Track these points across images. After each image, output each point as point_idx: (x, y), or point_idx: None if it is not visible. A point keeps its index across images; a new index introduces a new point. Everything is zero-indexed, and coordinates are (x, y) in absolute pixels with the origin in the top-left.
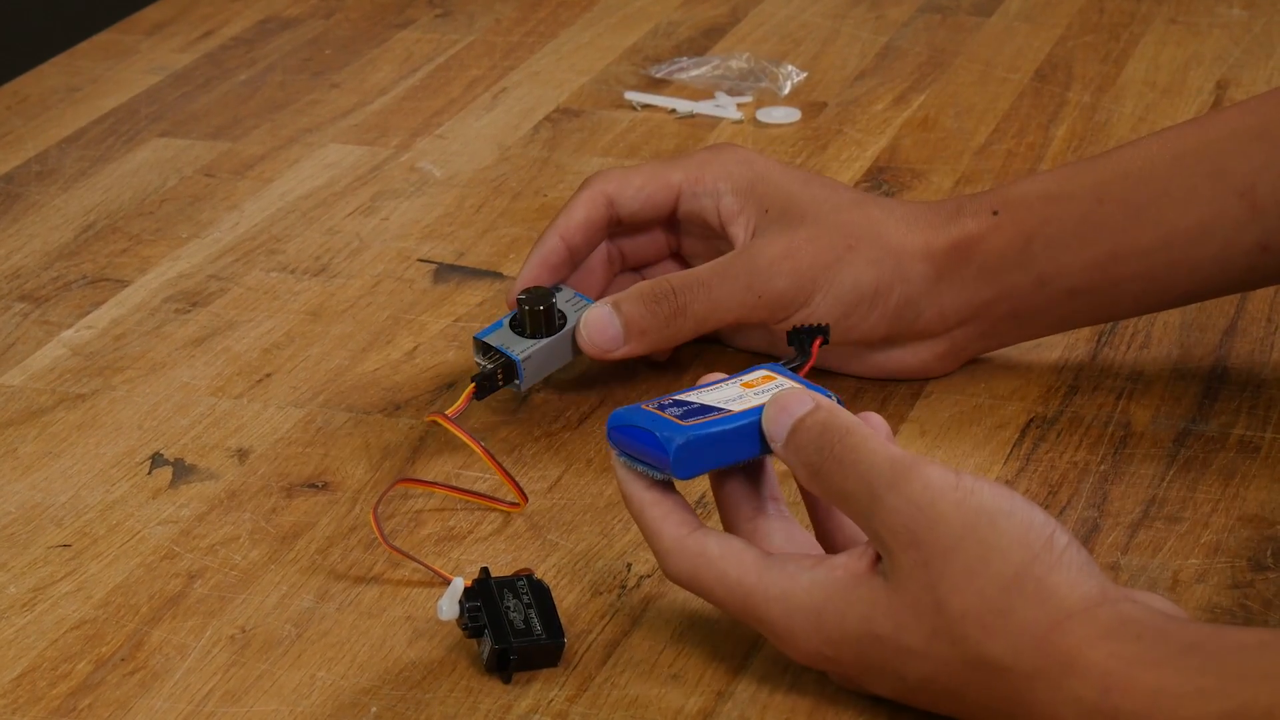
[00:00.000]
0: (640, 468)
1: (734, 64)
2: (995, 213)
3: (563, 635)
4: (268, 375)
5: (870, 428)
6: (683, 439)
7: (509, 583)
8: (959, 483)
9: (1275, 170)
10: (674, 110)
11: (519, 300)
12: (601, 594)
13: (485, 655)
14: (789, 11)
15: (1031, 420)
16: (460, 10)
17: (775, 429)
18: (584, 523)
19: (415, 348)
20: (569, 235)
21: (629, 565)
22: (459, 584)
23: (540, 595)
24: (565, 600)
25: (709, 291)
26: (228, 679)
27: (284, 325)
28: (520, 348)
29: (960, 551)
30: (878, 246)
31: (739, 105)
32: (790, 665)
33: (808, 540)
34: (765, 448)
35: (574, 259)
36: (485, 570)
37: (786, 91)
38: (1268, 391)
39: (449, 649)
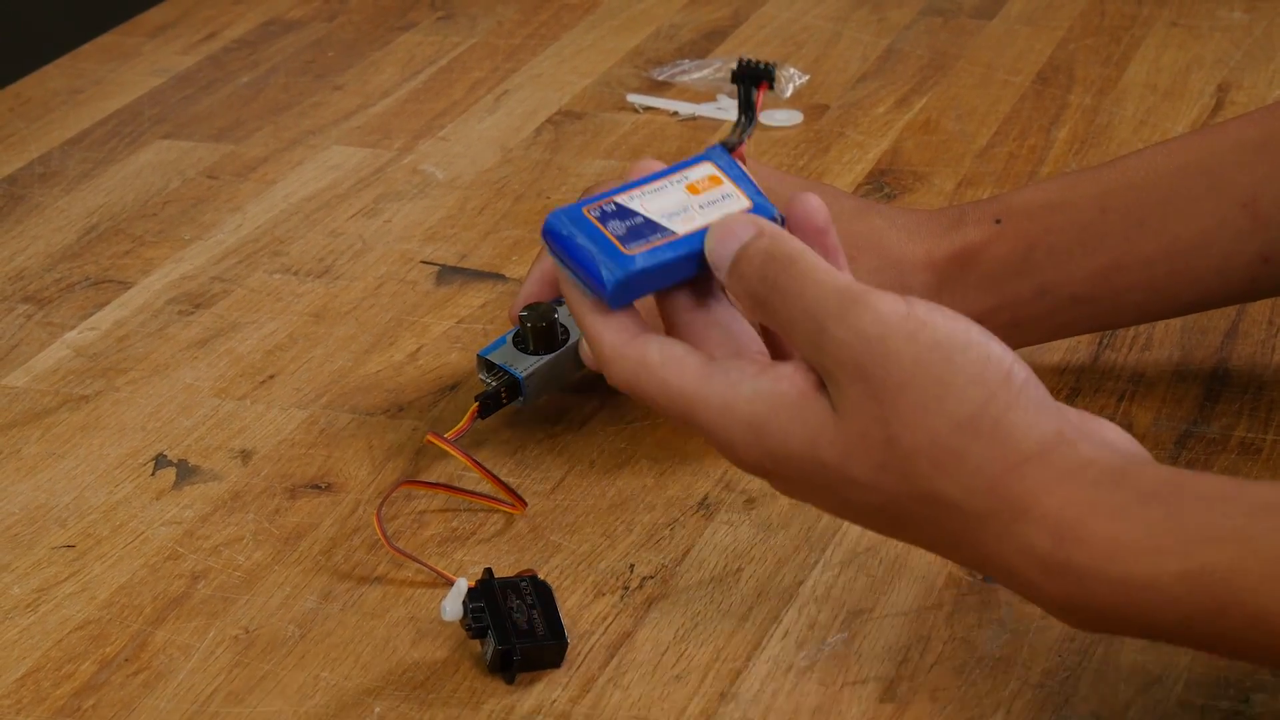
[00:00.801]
0: (574, 279)
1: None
2: (998, 221)
3: (565, 636)
4: (271, 377)
5: (814, 256)
6: (622, 274)
7: (512, 583)
8: (911, 313)
9: (1277, 182)
10: (676, 113)
11: (521, 317)
12: (604, 595)
13: (488, 656)
14: (791, 14)
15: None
16: (462, 13)
17: (718, 258)
18: (586, 524)
19: (418, 349)
20: None
21: (632, 566)
22: (462, 585)
23: (543, 596)
24: (568, 601)
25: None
26: (231, 679)
27: (287, 327)
28: (523, 365)
29: (913, 387)
30: (879, 256)
31: None
32: (794, 666)
33: (750, 335)
34: (707, 267)
35: None
36: (488, 571)
37: (788, 94)
38: (1269, 394)
39: (452, 650)
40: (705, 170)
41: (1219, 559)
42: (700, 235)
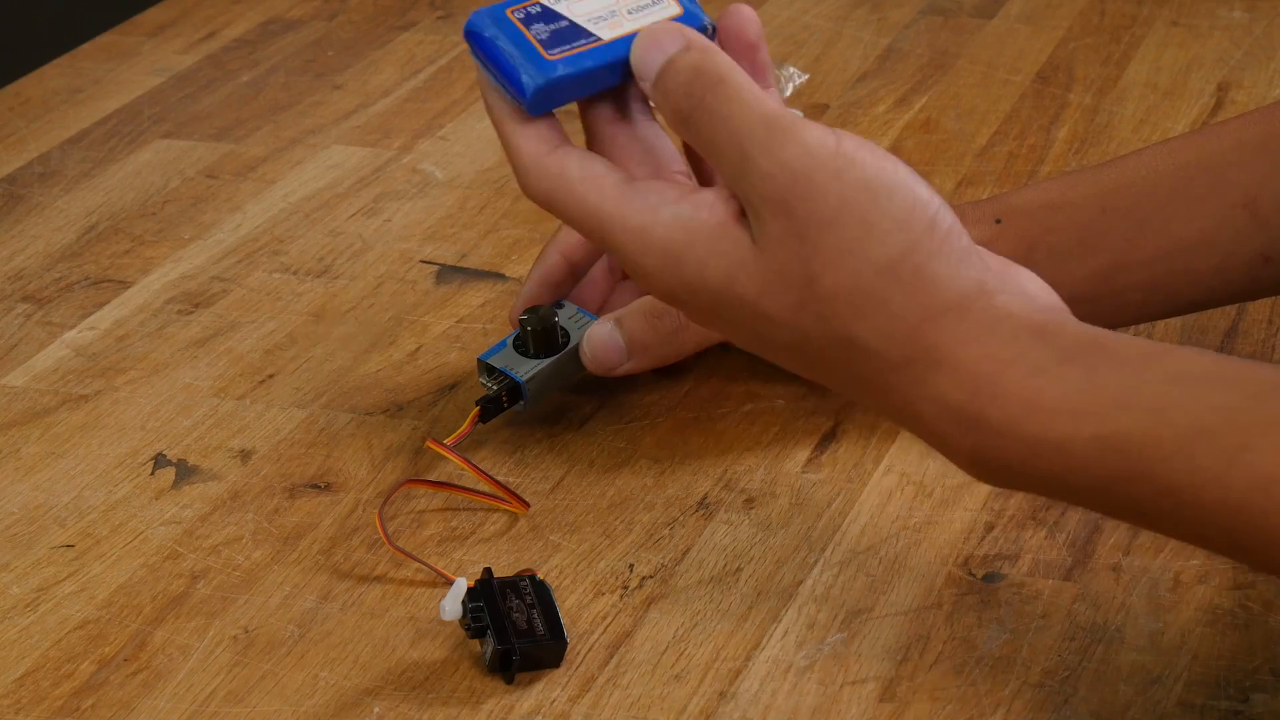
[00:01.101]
0: (494, 83)
1: None
2: (998, 221)
3: (565, 636)
4: (270, 376)
5: (742, 76)
6: (543, 80)
7: (512, 583)
8: (839, 149)
9: (1278, 181)
10: None
11: (521, 321)
12: (604, 594)
13: (488, 656)
14: (791, 14)
15: None
16: (462, 12)
17: (644, 68)
18: (586, 523)
19: (418, 349)
20: (569, 251)
21: (631, 566)
22: (462, 584)
23: (543, 596)
24: (567, 601)
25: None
26: (231, 679)
27: (286, 326)
28: (524, 369)
29: (837, 227)
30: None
31: None
32: (793, 665)
33: (672, 154)
34: (629, 74)
35: (575, 274)
36: (488, 571)
37: (789, 93)
38: None
39: (452, 649)
40: None
41: (1133, 426)
42: (626, 43)
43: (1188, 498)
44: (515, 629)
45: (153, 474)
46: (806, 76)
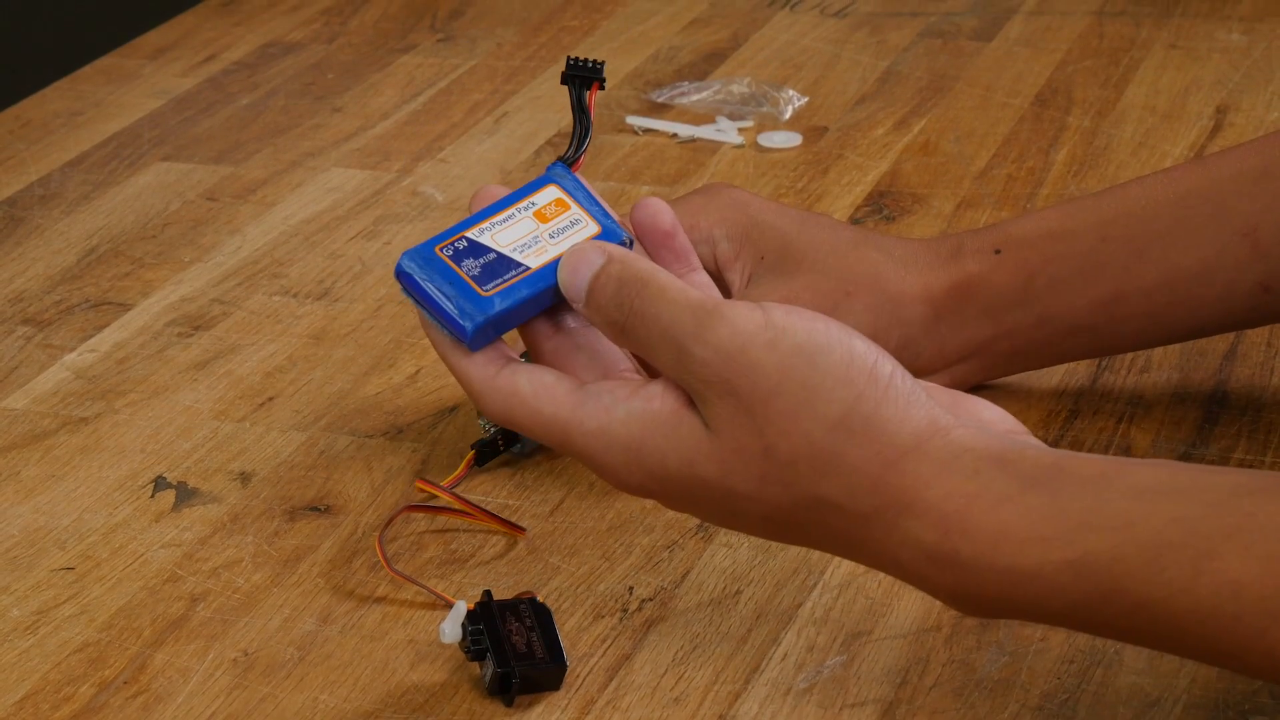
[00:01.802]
0: (432, 320)
1: (735, 88)
2: (997, 251)
3: (564, 658)
4: (270, 399)
5: (665, 276)
6: (482, 319)
7: (511, 606)
8: (768, 321)
9: (1278, 211)
10: (675, 135)
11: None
12: (603, 617)
13: (487, 678)
14: (790, 36)
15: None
16: (462, 35)
17: (572, 290)
18: (585, 546)
19: (417, 371)
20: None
21: (630, 589)
22: (461, 607)
23: (542, 618)
24: (567, 623)
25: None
26: (230, 702)
27: (286, 349)
28: None
29: (781, 395)
30: (875, 293)
31: (740, 130)
32: (793, 688)
33: (616, 354)
34: (561, 296)
35: None
36: (487, 593)
37: (788, 116)
38: (1267, 416)
39: (451, 672)
40: (550, 194)
41: (1100, 546)
42: (554, 267)
43: (1160, 611)
44: (515, 652)
45: (153, 496)
46: (806, 99)
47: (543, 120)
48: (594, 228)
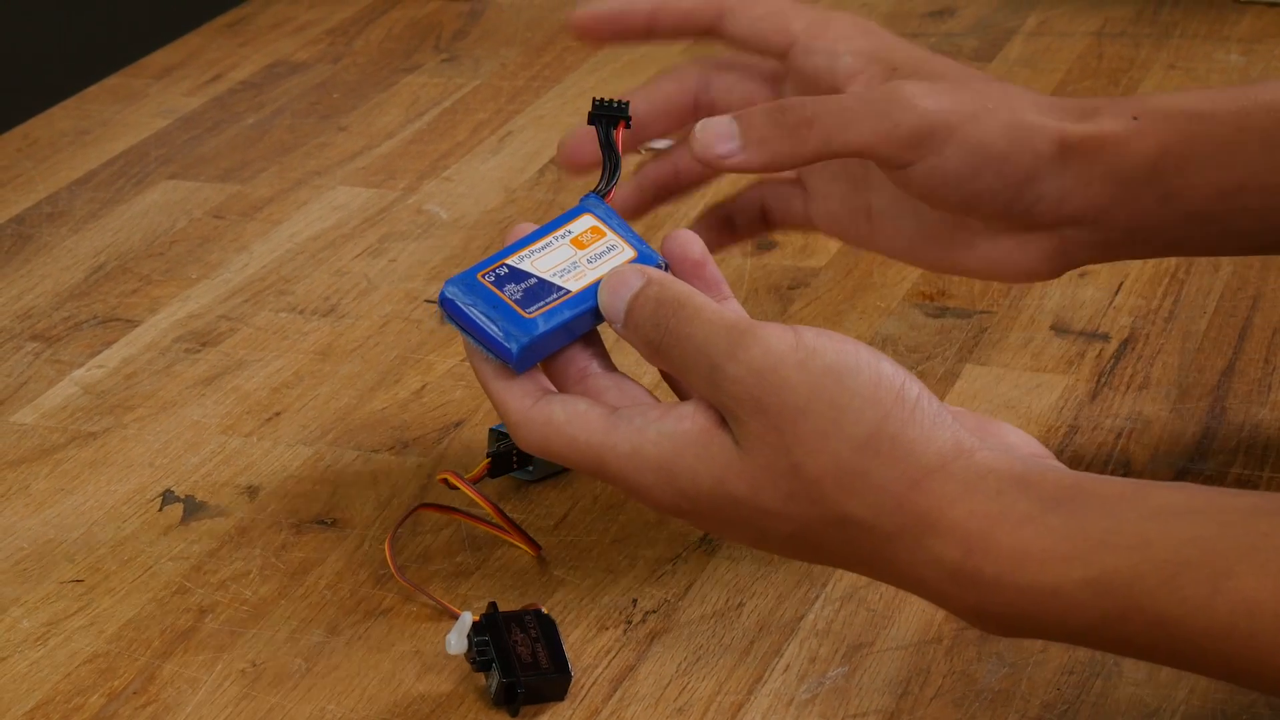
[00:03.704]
0: (477, 345)
1: None
2: (1135, 118)
3: (569, 669)
4: (277, 414)
5: (700, 297)
6: (526, 339)
7: (516, 617)
8: (799, 343)
9: None
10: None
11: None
12: (607, 629)
13: (493, 689)
14: None
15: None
16: (466, 55)
17: (612, 311)
18: (590, 558)
19: (423, 387)
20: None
21: (635, 600)
22: (467, 618)
23: (547, 630)
24: (571, 635)
25: (842, 108)
26: (238, 712)
27: (293, 365)
28: None
29: (810, 414)
30: (1012, 114)
31: None
32: (795, 699)
33: (640, 392)
34: (600, 318)
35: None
36: (493, 605)
37: None
38: (1265, 431)
39: (457, 683)
40: (586, 223)
41: (1119, 565)
42: (593, 290)
43: (1177, 629)
44: (520, 662)
45: (161, 510)
46: None
47: (546, 139)
48: (630, 252)
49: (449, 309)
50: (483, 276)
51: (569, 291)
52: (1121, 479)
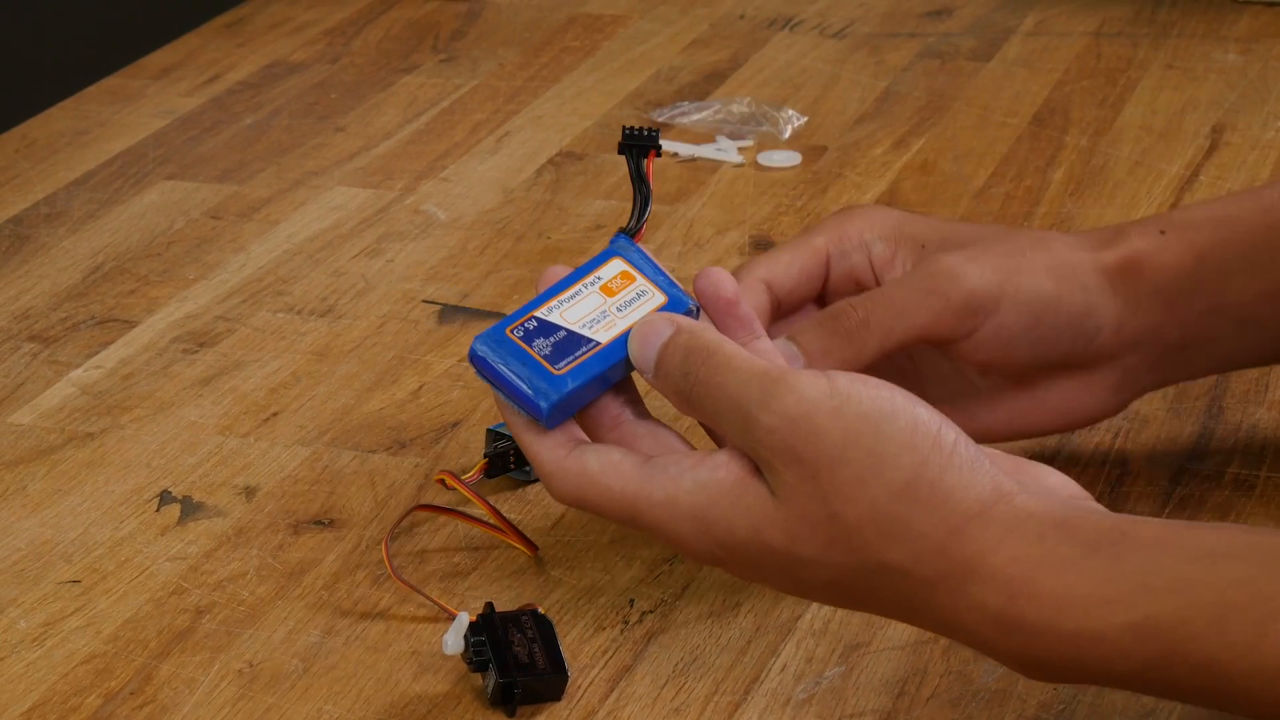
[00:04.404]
0: (508, 400)
1: (735, 108)
2: (1162, 232)
3: (566, 670)
4: (274, 414)
5: (731, 345)
6: (556, 396)
7: (513, 618)
8: (833, 389)
9: None
10: (676, 154)
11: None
12: (604, 629)
13: (489, 689)
14: (789, 57)
15: (1029, 458)
16: (464, 55)
17: (642, 362)
18: (587, 559)
19: (420, 387)
20: (773, 280)
21: (632, 601)
22: (464, 619)
23: (544, 630)
24: (568, 635)
25: (892, 300)
26: (235, 712)
27: (290, 365)
28: None
29: (847, 462)
30: (1052, 258)
31: (740, 149)
32: (791, 699)
33: (674, 439)
34: (632, 367)
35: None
36: (490, 605)
37: (787, 135)
38: (1263, 430)
39: (454, 683)
40: (616, 268)
41: (1163, 609)
42: (623, 341)
43: (1222, 671)
44: (517, 663)
45: (158, 510)
46: (805, 119)
47: (544, 140)
48: (660, 298)
49: (479, 365)
50: (511, 331)
51: (598, 343)
52: (1162, 520)
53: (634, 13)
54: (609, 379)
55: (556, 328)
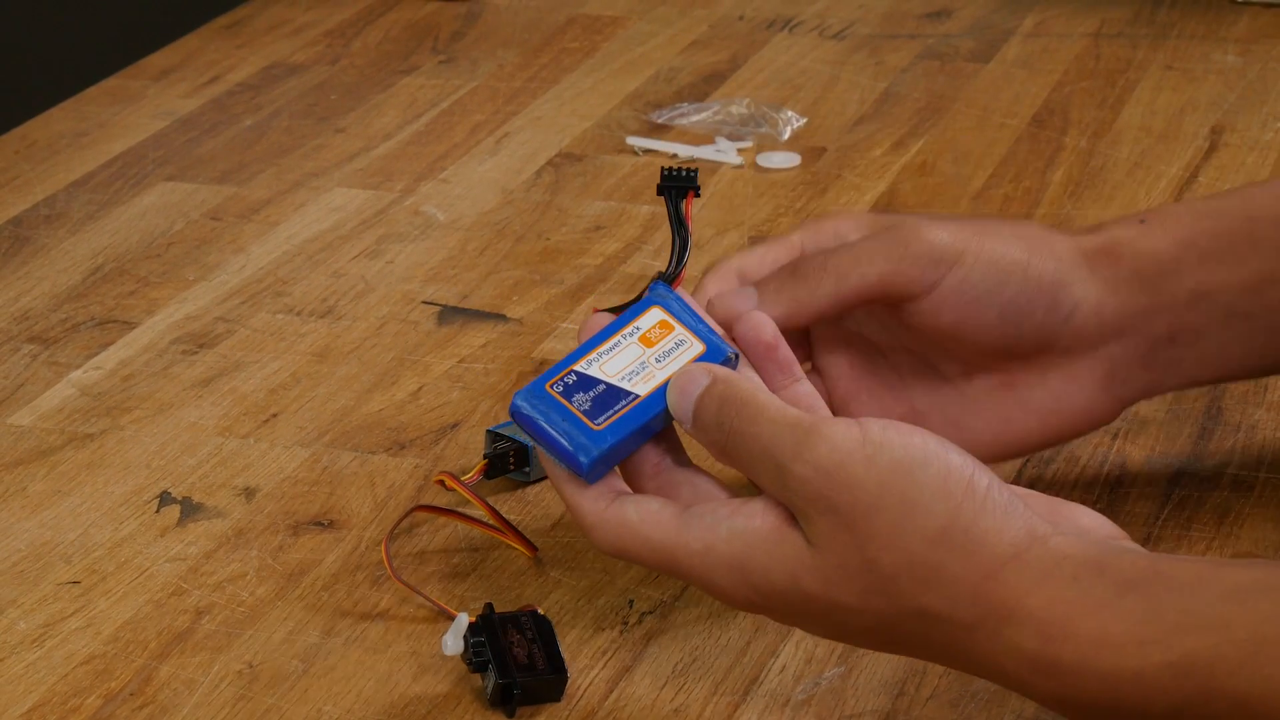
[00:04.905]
0: (549, 454)
1: (734, 109)
2: (1142, 221)
3: (565, 670)
4: (274, 415)
5: (765, 395)
6: (596, 452)
7: (513, 618)
8: (866, 438)
9: None
10: (675, 155)
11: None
12: (604, 630)
13: (489, 690)
14: (789, 58)
15: (1028, 460)
16: (464, 56)
17: (680, 413)
18: (586, 560)
19: (419, 388)
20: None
21: (631, 602)
22: (463, 619)
23: (543, 630)
24: (568, 637)
25: (852, 249)
26: (235, 713)
27: (290, 366)
28: None
29: (882, 510)
30: (1023, 230)
31: (739, 150)
32: (791, 700)
33: (713, 487)
34: (671, 417)
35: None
36: (489, 606)
37: (786, 136)
38: (1261, 432)
39: (453, 684)
40: (654, 317)
41: (1199, 647)
42: (662, 392)
43: (1260, 708)
44: (516, 663)
45: (158, 511)
46: (804, 120)
47: (544, 141)
48: (699, 347)
49: (520, 420)
50: (551, 387)
51: (638, 396)
52: (1196, 558)
53: (633, 14)
54: (649, 430)
55: (596, 381)
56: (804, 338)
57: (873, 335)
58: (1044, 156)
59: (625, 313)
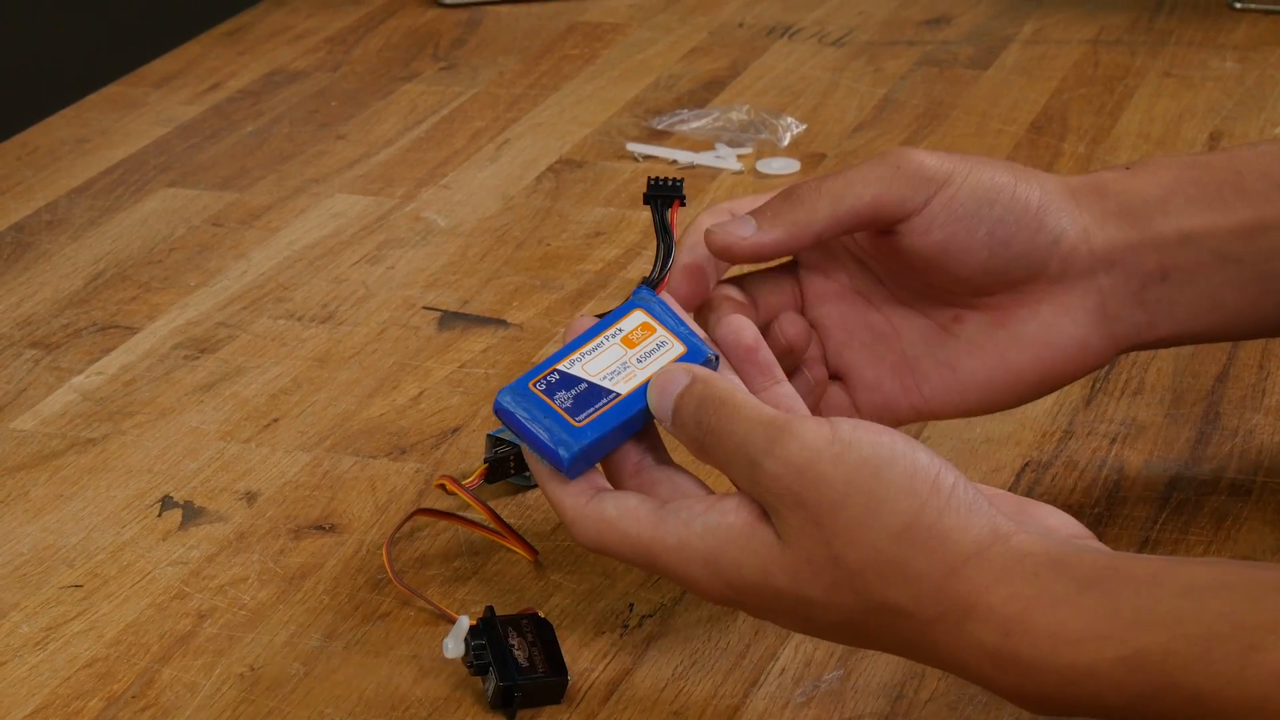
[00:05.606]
0: (532, 450)
1: (734, 116)
2: (1128, 168)
3: (566, 673)
4: (275, 420)
5: (742, 395)
6: (576, 448)
7: (513, 621)
8: (835, 436)
9: None
10: (675, 161)
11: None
12: (604, 633)
13: (490, 693)
14: (788, 64)
15: (1026, 464)
16: (464, 63)
17: (660, 411)
18: (587, 563)
19: (420, 393)
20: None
21: (631, 605)
22: (464, 622)
23: (544, 633)
24: (568, 640)
25: (845, 173)
26: (237, 716)
27: (291, 371)
28: None
29: (848, 507)
30: (1010, 164)
31: (739, 156)
32: (790, 702)
33: (690, 484)
34: (651, 416)
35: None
36: (490, 609)
37: (786, 143)
38: (1259, 437)
39: (454, 687)
40: (637, 319)
41: (1153, 642)
42: (643, 391)
43: (1211, 703)
44: (517, 666)
45: (160, 515)
46: (804, 126)
47: (544, 147)
48: (679, 348)
49: (503, 417)
50: (534, 385)
51: (618, 395)
52: (1156, 557)
53: (633, 21)
54: (629, 428)
55: (578, 380)
56: (796, 289)
57: (863, 288)
58: (1043, 163)
59: (608, 316)
